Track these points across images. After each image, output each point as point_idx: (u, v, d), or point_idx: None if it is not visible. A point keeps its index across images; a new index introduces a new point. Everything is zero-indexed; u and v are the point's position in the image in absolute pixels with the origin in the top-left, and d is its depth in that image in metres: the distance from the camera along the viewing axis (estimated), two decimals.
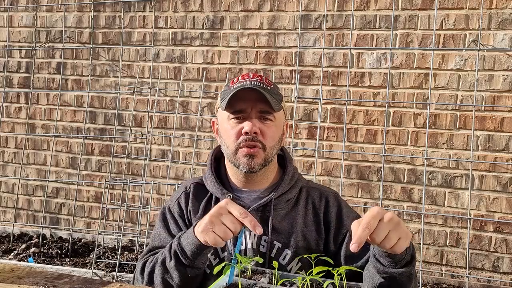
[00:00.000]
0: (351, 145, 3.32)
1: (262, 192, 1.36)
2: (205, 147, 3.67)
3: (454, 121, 3.17)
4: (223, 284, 1.03)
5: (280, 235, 1.31)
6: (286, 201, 1.35)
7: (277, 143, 1.33)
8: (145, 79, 3.80)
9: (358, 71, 3.33)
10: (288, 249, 1.30)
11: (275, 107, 1.27)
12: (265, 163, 1.31)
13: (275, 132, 1.32)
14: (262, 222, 1.31)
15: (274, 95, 1.30)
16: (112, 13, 3.89)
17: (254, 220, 1.08)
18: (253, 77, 1.31)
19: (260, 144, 1.29)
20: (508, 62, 3.06)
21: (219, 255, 1.34)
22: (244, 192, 1.36)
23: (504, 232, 3.09)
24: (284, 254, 1.30)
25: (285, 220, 1.33)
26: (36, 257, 3.49)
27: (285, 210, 1.34)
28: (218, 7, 3.63)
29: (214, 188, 1.37)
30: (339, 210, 1.36)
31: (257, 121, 1.29)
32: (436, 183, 3.20)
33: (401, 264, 1.08)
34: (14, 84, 4.19)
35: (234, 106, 1.29)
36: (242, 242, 1.32)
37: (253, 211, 1.32)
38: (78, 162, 3.95)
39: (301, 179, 1.42)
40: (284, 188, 1.35)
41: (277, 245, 1.31)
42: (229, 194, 1.33)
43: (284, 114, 1.38)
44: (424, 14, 3.19)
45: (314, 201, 1.37)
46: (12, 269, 1.29)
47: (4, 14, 4.16)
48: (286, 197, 1.35)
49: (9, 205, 4.20)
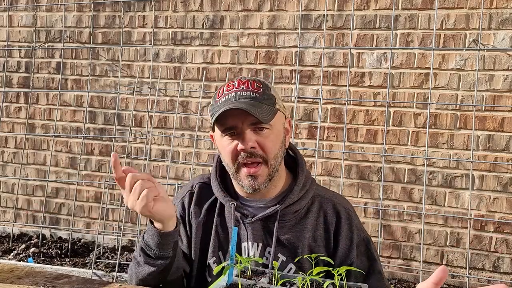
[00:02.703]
0: (351, 145, 3.32)
1: (269, 202, 1.28)
2: (205, 147, 3.67)
3: (455, 121, 3.16)
4: (223, 284, 1.03)
5: (285, 247, 1.24)
6: (294, 212, 1.26)
7: (279, 150, 1.25)
8: (145, 79, 3.79)
9: (358, 71, 3.33)
10: (293, 263, 1.23)
11: (264, 118, 1.18)
12: (270, 177, 1.23)
13: (274, 140, 1.23)
14: (267, 233, 1.25)
15: (265, 100, 1.21)
16: (112, 13, 3.89)
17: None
18: (238, 85, 1.21)
19: (261, 159, 1.21)
20: (508, 62, 3.05)
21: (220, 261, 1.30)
22: (250, 201, 1.30)
23: (504, 232, 3.09)
24: (288, 268, 1.24)
25: (291, 232, 1.25)
26: (35, 257, 3.49)
27: (292, 222, 1.26)
28: (218, 7, 3.63)
29: (219, 194, 1.31)
30: (350, 234, 1.27)
31: (252, 133, 1.20)
32: (436, 183, 3.20)
33: None
34: (13, 84, 4.18)
35: (224, 123, 1.21)
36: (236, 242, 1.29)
37: (257, 221, 1.26)
38: (77, 162, 3.94)
39: (313, 187, 1.31)
40: (293, 199, 1.26)
41: (281, 258, 1.24)
42: (233, 203, 1.27)
43: (282, 115, 1.28)
44: (424, 14, 3.19)
45: (327, 214, 1.28)
46: (12, 269, 1.28)
47: (4, 14, 4.16)
48: (294, 208, 1.26)
49: (9, 205, 4.20)
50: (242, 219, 1.27)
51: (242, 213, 1.27)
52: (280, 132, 1.26)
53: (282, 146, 1.27)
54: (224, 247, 1.29)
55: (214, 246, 1.29)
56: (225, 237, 1.29)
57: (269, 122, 1.20)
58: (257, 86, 1.23)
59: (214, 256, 1.30)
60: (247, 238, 1.26)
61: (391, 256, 3.31)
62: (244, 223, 1.27)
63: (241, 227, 1.27)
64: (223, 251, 1.29)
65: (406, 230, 3.27)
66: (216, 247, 1.29)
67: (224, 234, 1.29)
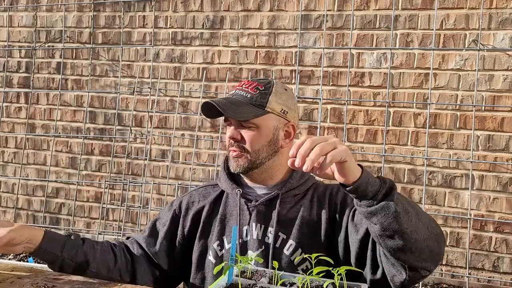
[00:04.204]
0: (351, 145, 3.32)
1: (271, 188, 1.42)
2: (205, 147, 3.67)
3: (454, 121, 3.17)
4: (223, 284, 1.03)
5: (285, 226, 1.36)
6: (294, 196, 1.40)
7: (264, 146, 1.38)
8: (145, 79, 3.80)
9: (358, 71, 3.33)
10: (292, 239, 1.34)
11: (238, 116, 1.34)
12: (253, 164, 1.38)
13: (256, 136, 1.37)
14: (269, 215, 1.38)
15: (254, 101, 1.36)
16: (112, 13, 3.89)
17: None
18: (241, 85, 1.41)
19: (241, 149, 1.38)
20: (508, 62, 3.06)
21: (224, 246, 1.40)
22: (254, 188, 1.43)
23: (504, 232, 3.09)
24: (288, 245, 1.35)
25: (290, 212, 1.38)
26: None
27: (291, 204, 1.39)
28: (218, 7, 3.63)
29: (226, 184, 1.45)
30: (345, 194, 1.36)
31: (238, 127, 1.38)
32: (436, 183, 3.20)
33: (377, 199, 1.08)
34: (14, 84, 4.18)
35: (225, 116, 1.40)
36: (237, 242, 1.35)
37: (261, 204, 1.39)
38: (78, 162, 3.95)
39: (313, 178, 1.45)
40: (293, 184, 1.40)
41: (281, 236, 1.36)
42: (238, 189, 1.42)
43: (279, 118, 1.39)
44: (424, 14, 3.19)
45: (320, 195, 1.40)
46: (12, 269, 1.29)
47: (4, 14, 4.16)
48: (294, 192, 1.40)
49: (9, 205, 4.20)
50: (247, 204, 1.41)
51: (246, 199, 1.41)
52: (269, 132, 1.39)
53: (270, 145, 1.39)
54: (227, 233, 1.41)
55: (218, 231, 1.42)
56: (228, 223, 1.42)
57: (248, 120, 1.35)
58: (255, 88, 1.38)
59: (218, 240, 1.41)
60: (249, 221, 1.39)
61: None
62: (248, 207, 1.40)
63: (244, 212, 1.40)
64: (227, 236, 1.41)
65: None
66: (219, 232, 1.42)
67: (228, 220, 1.42)
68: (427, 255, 1.15)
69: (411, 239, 1.10)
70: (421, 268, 1.16)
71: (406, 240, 1.09)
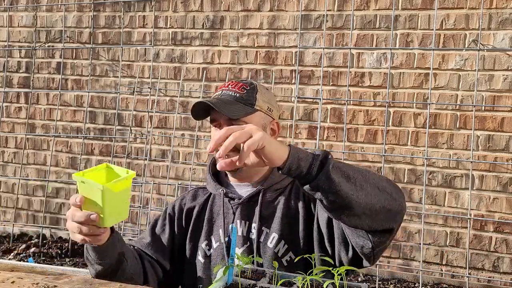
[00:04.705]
0: (351, 145, 3.32)
1: (254, 184, 1.44)
2: (205, 147, 3.67)
3: (454, 121, 3.17)
4: (223, 284, 1.03)
5: (267, 220, 1.39)
6: (275, 190, 1.42)
7: None
8: (145, 79, 3.80)
9: (358, 71, 3.33)
10: (275, 232, 1.37)
11: (231, 114, 1.34)
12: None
13: None
14: (252, 211, 1.40)
15: (243, 100, 1.37)
16: (112, 13, 3.89)
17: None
18: (227, 86, 1.42)
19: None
20: (508, 62, 3.06)
21: (212, 246, 1.43)
22: (238, 187, 1.46)
23: (504, 232, 3.09)
24: (271, 238, 1.37)
25: (271, 206, 1.41)
26: (36, 257, 3.49)
27: (272, 198, 1.42)
28: (218, 7, 3.63)
29: (210, 185, 1.48)
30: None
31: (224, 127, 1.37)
32: (436, 183, 3.20)
33: (312, 173, 1.07)
34: (14, 84, 4.19)
35: (211, 116, 1.41)
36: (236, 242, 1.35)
37: (244, 202, 1.41)
38: (78, 162, 3.95)
39: None
40: (275, 179, 1.42)
41: (265, 230, 1.39)
42: (222, 189, 1.44)
43: (265, 116, 1.41)
44: (424, 14, 3.19)
45: (297, 186, 1.41)
46: (12, 269, 1.29)
47: (4, 14, 4.16)
48: (276, 186, 1.42)
49: (9, 205, 4.20)
50: (230, 202, 1.44)
51: (230, 197, 1.43)
52: None
53: None
54: (214, 232, 1.44)
55: (206, 231, 1.45)
56: (215, 223, 1.45)
57: (239, 118, 1.35)
58: (242, 88, 1.41)
59: (206, 240, 1.44)
60: (234, 218, 1.42)
61: (391, 256, 3.31)
62: (232, 206, 1.43)
63: (229, 210, 1.43)
64: (214, 235, 1.44)
65: (406, 230, 3.27)
66: (207, 232, 1.45)
67: (215, 220, 1.45)
68: (385, 215, 1.14)
69: (360, 203, 1.09)
70: (383, 229, 1.16)
71: (356, 205, 1.08)
